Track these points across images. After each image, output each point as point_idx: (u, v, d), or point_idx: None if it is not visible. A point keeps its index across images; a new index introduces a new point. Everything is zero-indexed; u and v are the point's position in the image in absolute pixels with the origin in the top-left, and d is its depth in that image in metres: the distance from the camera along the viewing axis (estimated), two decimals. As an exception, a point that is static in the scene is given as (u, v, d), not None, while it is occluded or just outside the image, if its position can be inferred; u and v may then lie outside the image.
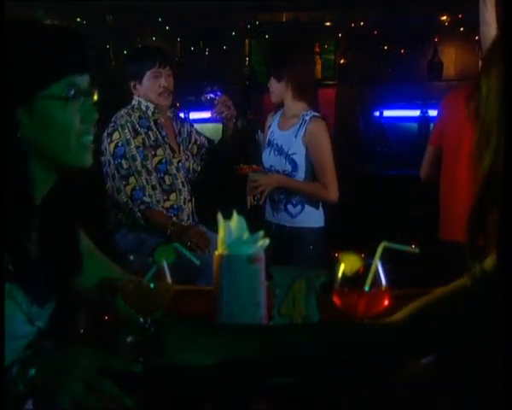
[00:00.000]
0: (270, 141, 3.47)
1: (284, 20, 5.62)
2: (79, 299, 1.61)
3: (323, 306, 1.50)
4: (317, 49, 5.71)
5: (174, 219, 3.29)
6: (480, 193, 1.11)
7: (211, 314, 1.46)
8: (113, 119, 3.32)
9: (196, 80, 3.55)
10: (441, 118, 3.31)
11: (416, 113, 5.59)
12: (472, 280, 1.13)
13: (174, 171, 3.35)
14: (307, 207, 3.39)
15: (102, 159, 3.32)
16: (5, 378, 1.23)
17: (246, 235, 1.47)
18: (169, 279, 1.46)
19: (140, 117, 3.32)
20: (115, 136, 3.26)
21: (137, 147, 3.24)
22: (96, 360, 1.26)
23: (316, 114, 3.39)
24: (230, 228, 1.47)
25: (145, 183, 3.23)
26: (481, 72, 1.16)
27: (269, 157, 3.44)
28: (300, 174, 3.36)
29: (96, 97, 1.38)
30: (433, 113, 5.27)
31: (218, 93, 3.52)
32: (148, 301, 1.45)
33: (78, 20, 5.27)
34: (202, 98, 3.56)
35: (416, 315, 1.23)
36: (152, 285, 1.44)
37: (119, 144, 3.24)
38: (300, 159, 3.34)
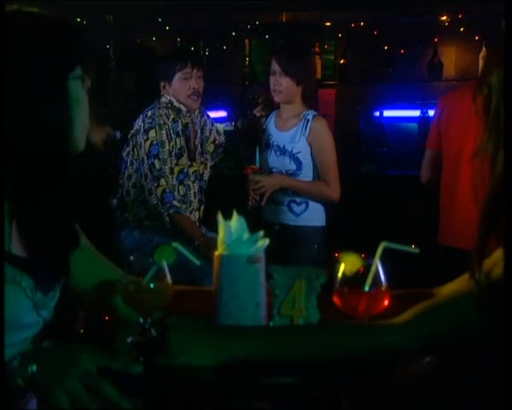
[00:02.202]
0: (268, 143, 3.46)
1: (284, 20, 5.61)
2: (80, 299, 1.61)
3: (323, 306, 1.50)
4: (317, 49, 5.70)
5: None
6: (495, 194, 1.10)
7: (211, 314, 1.46)
8: (149, 114, 3.25)
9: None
10: (438, 120, 3.30)
11: (416, 113, 5.59)
12: (477, 287, 1.13)
13: (189, 181, 3.34)
14: (311, 206, 3.40)
15: (126, 151, 3.29)
16: (5, 375, 1.24)
17: (246, 235, 1.47)
18: (169, 279, 1.46)
19: (174, 120, 3.27)
20: (152, 133, 3.21)
21: (169, 151, 3.23)
22: (96, 360, 1.26)
23: (315, 112, 3.40)
24: (230, 228, 1.47)
25: (172, 187, 3.21)
26: (490, 63, 1.15)
27: (269, 159, 3.44)
28: (305, 173, 3.37)
29: None
30: (433, 113, 5.27)
31: (261, 92, 3.55)
32: (148, 301, 1.45)
33: (78, 20, 5.27)
34: (243, 97, 3.58)
35: (419, 317, 1.23)
36: (152, 285, 1.44)
37: (155, 143, 3.20)
38: (305, 157, 3.35)
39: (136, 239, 3.27)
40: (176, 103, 3.29)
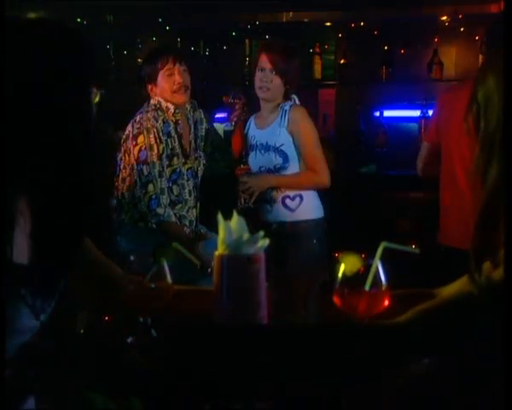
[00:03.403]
0: (252, 145, 3.46)
1: (284, 20, 5.61)
2: (80, 299, 1.61)
3: (323, 306, 1.50)
4: (317, 49, 5.71)
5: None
6: (488, 201, 1.11)
7: (211, 314, 1.46)
8: (138, 119, 3.25)
9: (196, 80, 3.54)
10: (438, 116, 3.30)
11: (417, 113, 5.59)
12: (477, 289, 1.13)
13: (183, 180, 3.32)
14: (305, 198, 3.39)
15: (119, 156, 3.28)
16: (5, 377, 1.24)
17: (246, 235, 1.47)
18: (169, 279, 1.46)
19: (164, 121, 3.26)
20: (140, 139, 3.20)
21: (158, 154, 3.21)
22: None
23: (292, 102, 3.41)
24: (230, 228, 1.47)
25: (159, 191, 3.20)
26: (477, 81, 1.15)
27: (256, 159, 3.44)
28: (292, 164, 3.37)
29: None
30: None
31: (241, 97, 3.55)
32: (148, 301, 1.45)
33: (79, 20, 5.27)
34: (224, 100, 3.58)
35: (419, 318, 1.23)
36: (152, 285, 1.44)
37: (143, 148, 3.19)
38: (289, 149, 3.36)
39: (132, 241, 3.27)
40: (164, 103, 3.29)
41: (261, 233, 1.48)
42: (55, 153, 1.33)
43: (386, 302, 1.41)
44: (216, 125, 4.41)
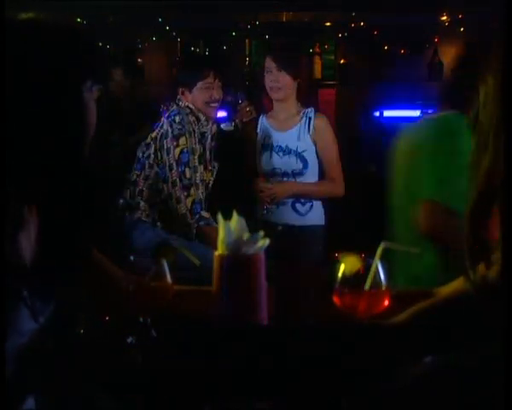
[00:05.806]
0: (267, 145, 3.44)
1: (284, 20, 5.62)
2: (80, 300, 1.61)
3: (323, 306, 1.50)
4: (317, 49, 5.71)
5: None
6: (479, 196, 1.12)
7: (211, 314, 1.46)
8: (177, 119, 3.20)
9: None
10: None
11: (417, 113, 5.59)
12: (472, 285, 1.14)
13: None
14: (315, 204, 3.40)
15: (146, 153, 3.25)
16: (5, 376, 1.24)
17: (246, 235, 1.47)
18: (169, 279, 1.46)
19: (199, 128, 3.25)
20: (182, 140, 3.16)
21: (199, 160, 3.19)
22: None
23: (315, 109, 3.42)
24: (230, 228, 1.47)
25: (201, 196, 3.17)
26: (478, 78, 1.16)
27: (270, 160, 3.42)
28: (310, 171, 3.37)
29: None
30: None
31: (241, 98, 3.54)
32: (148, 301, 1.45)
33: (79, 20, 5.27)
34: (229, 99, 3.57)
35: (419, 317, 1.23)
36: (152, 285, 1.44)
37: (185, 151, 3.15)
38: (310, 156, 3.35)
39: (150, 240, 3.24)
40: (195, 111, 3.28)
41: (261, 233, 1.48)
42: (54, 152, 1.33)
43: (386, 302, 1.42)
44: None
